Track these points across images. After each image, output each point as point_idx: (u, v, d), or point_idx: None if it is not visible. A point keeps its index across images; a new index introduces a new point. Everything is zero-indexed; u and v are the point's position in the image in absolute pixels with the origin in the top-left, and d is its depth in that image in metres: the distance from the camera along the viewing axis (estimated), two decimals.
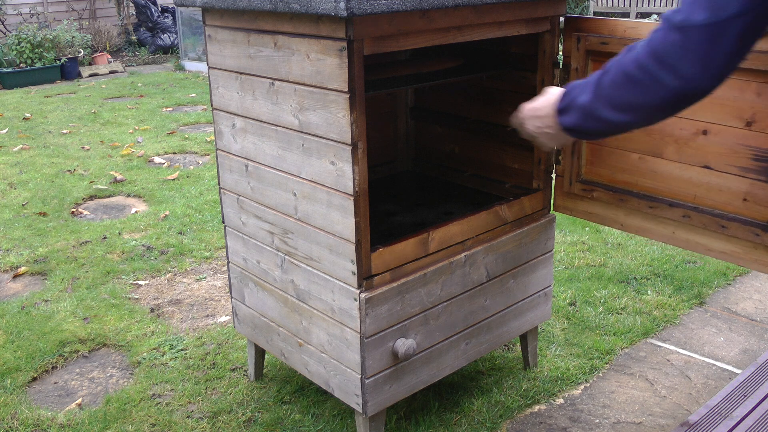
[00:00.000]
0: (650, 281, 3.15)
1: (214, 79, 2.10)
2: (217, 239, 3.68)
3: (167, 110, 6.77)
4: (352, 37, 1.61)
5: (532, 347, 2.47)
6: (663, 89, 1.26)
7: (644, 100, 1.29)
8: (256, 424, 2.24)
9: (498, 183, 2.44)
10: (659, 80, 1.25)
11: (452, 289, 2.02)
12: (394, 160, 2.74)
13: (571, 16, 2.08)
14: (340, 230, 1.80)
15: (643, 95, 1.29)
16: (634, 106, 1.32)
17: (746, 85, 1.75)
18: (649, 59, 1.25)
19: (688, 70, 1.22)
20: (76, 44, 8.77)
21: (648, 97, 1.29)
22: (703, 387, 2.43)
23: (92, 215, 4.13)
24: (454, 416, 2.26)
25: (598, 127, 1.41)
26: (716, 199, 1.87)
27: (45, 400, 2.42)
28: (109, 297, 3.09)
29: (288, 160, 1.91)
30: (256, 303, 2.21)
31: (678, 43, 1.21)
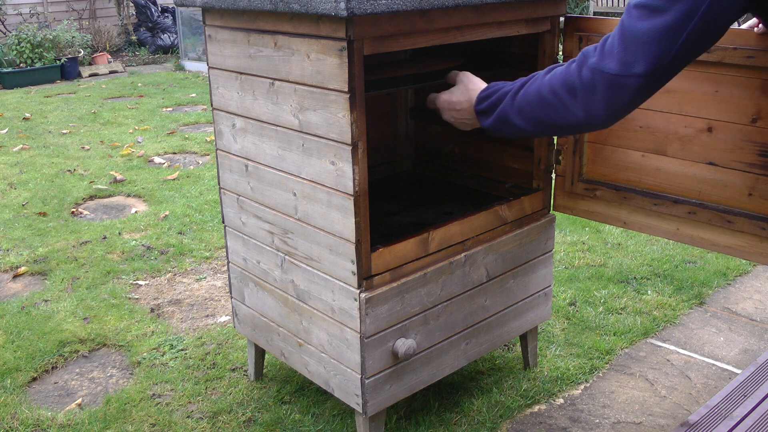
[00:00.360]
0: (650, 281, 3.15)
1: (214, 79, 2.10)
2: (217, 239, 3.68)
3: (167, 110, 6.77)
4: (353, 37, 1.61)
5: (532, 347, 2.47)
6: (570, 116, 1.45)
7: (552, 120, 1.50)
8: (256, 424, 2.24)
9: (498, 183, 2.44)
10: (568, 108, 1.45)
11: (452, 289, 2.02)
12: (394, 160, 2.74)
13: (571, 16, 2.08)
14: (340, 230, 1.80)
15: (552, 117, 1.49)
16: (542, 123, 1.52)
17: (751, 82, 1.75)
18: (563, 89, 1.44)
19: (593, 107, 1.41)
20: (76, 44, 8.77)
21: (555, 119, 1.49)
22: (703, 387, 2.43)
23: (92, 215, 4.14)
24: (454, 416, 2.27)
25: (510, 131, 1.62)
26: (721, 194, 1.88)
27: (45, 400, 2.42)
28: (109, 297, 3.09)
29: (288, 160, 1.91)
30: (256, 303, 2.21)
31: (588, 83, 1.40)
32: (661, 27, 1.31)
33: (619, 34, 1.37)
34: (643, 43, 1.33)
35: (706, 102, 1.85)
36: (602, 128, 1.46)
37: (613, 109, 1.40)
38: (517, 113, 1.56)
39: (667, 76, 1.37)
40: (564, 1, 2.08)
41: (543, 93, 1.49)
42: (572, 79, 1.43)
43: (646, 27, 1.32)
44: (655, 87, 1.38)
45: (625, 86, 1.36)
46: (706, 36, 1.31)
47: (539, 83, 1.51)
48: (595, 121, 1.44)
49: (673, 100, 1.91)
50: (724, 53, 1.76)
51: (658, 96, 1.93)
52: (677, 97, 1.90)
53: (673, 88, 1.90)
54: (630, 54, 1.35)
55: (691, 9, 1.28)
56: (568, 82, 1.44)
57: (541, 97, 1.49)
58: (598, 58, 1.39)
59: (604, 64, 1.38)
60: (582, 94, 1.42)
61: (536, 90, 1.51)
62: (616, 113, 1.41)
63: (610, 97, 1.38)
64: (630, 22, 1.35)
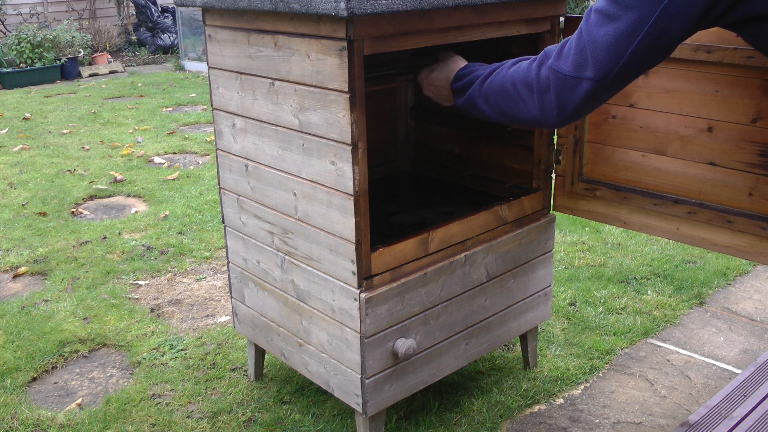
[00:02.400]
0: (650, 281, 3.15)
1: (214, 79, 2.10)
2: (217, 239, 3.68)
3: (167, 110, 6.77)
4: (353, 37, 1.61)
5: (532, 347, 2.47)
6: (526, 112, 1.53)
7: (511, 112, 1.57)
8: (256, 424, 2.24)
9: (498, 183, 2.44)
10: (525, 104, 1.52)
11: (452, 289, 2.02)
12: (394, 160, 2.74)
13: (571, 16, 2.08)
14: (340, 230, 1.80)
15: (512, 109, 1.56)
16: (504, 113, 1.60)
17: (751, 82, 1.75)
18: (522, 84, 1.51)
19: (546, 106, 1.48)
20: (76, 44, 8.77)
21: (515, 112, 1.56)
22: (703, 387, 2.43)
23: (92, 215, 4.14)
24: (454, 416, 2.26)
25: (477, 114, 1.70)
26: (722, 194, 1.88)
27: (45, 400, 2.42)
28: (109, 297, 3.09)
29: (288, 160, 1.91)
30: (256, 303, 2.21)
31: (544, 81, 1.46)
32: (612, 34, 1.35)
33: (576, 38, 1.42)
34: (596, 48, 1.37)
35: (706, 102, 1.85)
36: (555, 127, 1.53)
37: (564, 109, 1.46)
38: (483, 99, 1.64)
39: (618, 83, 1.41)
40: (564, 1, 2.08)
41: (505, 85, 1.56)
42: (531, 77, 1.49)
43: (600, 33, 1.37)
44: (606, 92, 1.42)
45: (576, 88, 1.41)
46: (656, 47, 1.35)
47: (503, 75, 1.58)
48: (548, 119, 1.49)
49: (673, 100, 1.91)
50: (724, 53, 1.76)
51: (658, 96, 1.93)
52: (677, 97, 1.90)
53: (673, 88, 1.90)
54: (583, 57, 1.39)
55: (641, 19, 1.32)
56: (527, 79, 1.50)
57: (503, 88, 1.57)
58: (554, 58, 1.45)
59: (560, 64, 1.43)
60: (537, 92, 1.48)
61: (500, 81, 1.58)
62: (568, 114, 1.47)
63: (561, 98, 1.44)
64: (587, 27, 1.40)
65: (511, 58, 2.32)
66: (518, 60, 1.61)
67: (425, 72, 1.90)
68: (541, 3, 2.00)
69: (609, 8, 1.36)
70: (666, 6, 1.29)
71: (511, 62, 1.61)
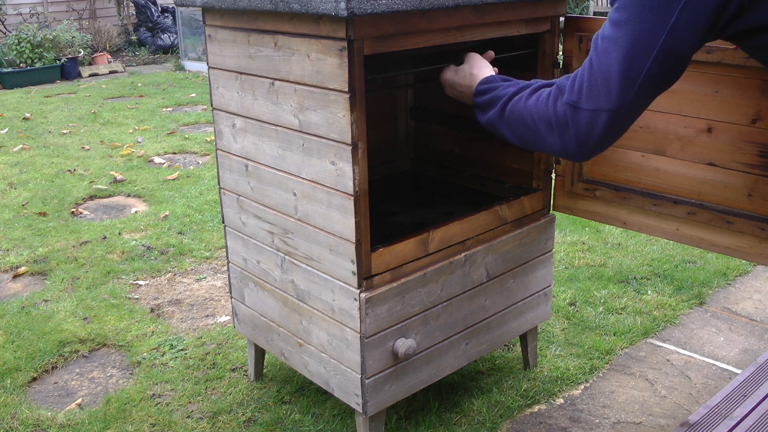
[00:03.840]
0: (650, 281, 3.15)
1: (214, 79, 2.10)
2: (217, 239, 3.68)
3: (167, 110, 6.77)
4: (353, 36, 1.61)
5: (532, 347, 2.47)
6: (548, 147, 1.50)
7: (533, 143, 1.55)
8: (256, 424, 2.24)
9: (498, 183, 2.44)
10: (547, 140, 1.50)
11: (452, 289, 2.02)
12: (394, 160, 2.74)
13: (571, 16, 2.08)
14: (340, 230, 1.80)
15: (534, 141, 1.54)
16: (527, 142, 1.58)
17: (751, 82, 1.75)
18: (541, 121, 1.48)
19: (567, 142, 1.45)
20: (76, 44, 8.77)
21: (537, 145, 1.54)
22: (703, 387, 2.43)
23: (92, 215, 4.14)
24: (454, 416, 2.27)
25: (499, 136, 1.66)
26: (721, 195, 1.88)
27: (45, 400, 2.42)
28: (109, 297, 3.09)
29: (288, 160, 1.91)
30: (256, 303, 2.21)
31: (562, 118, 1.43)
32: (623, 61, 1.32)
33: (587, 69, 1.39)
34: (609, 77, 1.34)
35: (706, 102, 1.85)
36: (580, 161, 1.50)
37: (586, 143, 1.42)
38: (505, 126, 1.61)
39: (635, 110, 1.38)
40: (564, 1, 2.08)
41: (525, 118, 1.53)
42: (549, 114, 1.46)
43: (611, 61, 1.34)
44: (626, 120, 1.39)
45: (595, 122, 1.38)
46: (668, 67, 1.32)
47: (523, 106, 1.54)
48: (570, 154, 1.47)
49: (673, 100, 1.91)
50: (724, 53, 1.76)
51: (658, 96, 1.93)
52: (677, 97, 1.90)
53: (673, 89, 1.90)
54: (596, 89, 1.36)
55: (650, 41, 1.29)
56: (545, 116, 1.47)
57: (523, 120, 1.54)
58: (568, 93, 1.42)
59: (574, 99, 1.40)
60: (557, 129, 1.45)
61: (520, 112, 1.55)
62: (591, 148, 1.44)
63: (581, 133, 1.41)
64: (596, 56, 1.37)
65: (511, 58, 2.33)
66: (537, 87, 1.55)
67: (449, 73, 1.86)
68: (541, 3, 2.00)
69: (616, 34, 1.33)
70: (673, 25, 1.27)
71: (529, 89, 1.56)
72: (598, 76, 1.36)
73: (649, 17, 1.29)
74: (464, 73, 1.81)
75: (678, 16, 1.27)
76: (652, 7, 1.28)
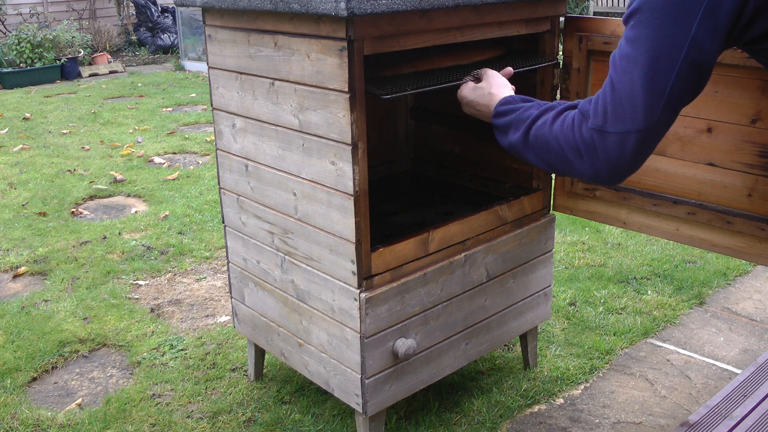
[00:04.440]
0: (650, 281, 3.15)
1: (214, 79, 2.10)
2: (217, 239, 3.68)
3: (167, 110, 6.77)
4: (353, 36, 1.61)
5: (532, 347, 2.47)
6: (578, 172, 1.46)
7: (561, 168, 1.50)
8: (256, 424, 2.24)
9: (498, 183, 2.44)
10: (576, 166, 1.45)
11: (452, 289, 2.02)
12: (394, 160, 2.74)
13: (571, 16, 2.09)
14: (340, 230, 1.80)
15: (561, 166, 1.49)
16: (553, 167, 1.52)
17: (751, 82, 1.75)
18: (569, 148, 1.44)
19: (597, 167, 1.41)
20: (76, 44, 8.77)
21: (564, 169, 1.49)
22: (703, 387, 2.43)
23: (92, 215, 4.14)
24: (454, 416, 2.27)
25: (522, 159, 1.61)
26: (721, 195, 1.88)
27: (45, 400, 2.42)
28: (109, 297, 3.09)
29: (288, 160, 1.91)
30: (256, 303, 2.21)
31: (590, 143, 1.39)
32: (646, 78, 1.29)
33: (609, 91, 1.35)
34: (633, 97, 1.31)
35: (705, 102, 1.85)
36: (612, 185, 1.45)
37: (617, 167, 1.38)
38: (530, 152, 1.55)
39: (663, 126, 1.34)
40: (564, 1, 2.08)
41: (552, 145, 1.48)
42: (576, 141, 1.42)
43: (633, 80, 1.30)
44: (655, 138, 1.36)
45: (625, 144, 1.35)
46: (692, 79, 1.29)
47: (548, 132, 1.49)
48: (602, 179, 1.43)
49: None
50: (724, 54, 1.76)
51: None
52: None
53: None
54: (622, 111, 1.33)
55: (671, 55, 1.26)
56: (572, 143, 1.43)
57: (550, 147, 1.48)
58: (593, 118, 1.38)
59: (600, 123, 1.36)
60: (586, 155, 1.41)
61: (545, 138, 1.49)
62: (622, 170, 1.39)
63: (611, 156, 1.37)
64: (617, 77, 1.33)
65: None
66: (561, 110, 1.49)
67: (467, 91, 1.79)
68: (541, 3, 2.00)
69: (635, 52, 1.30)
70: (694, 36, 1.25)
71: (553, 113, 1.50)
72: (621, 97, 1.32)
73: (668, 31, 1.26)
74: (483, 92, 1.75)
75: (698, 27, 1.24)
76: (669, 21, 1.25)
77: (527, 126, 1.54)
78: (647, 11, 1.28)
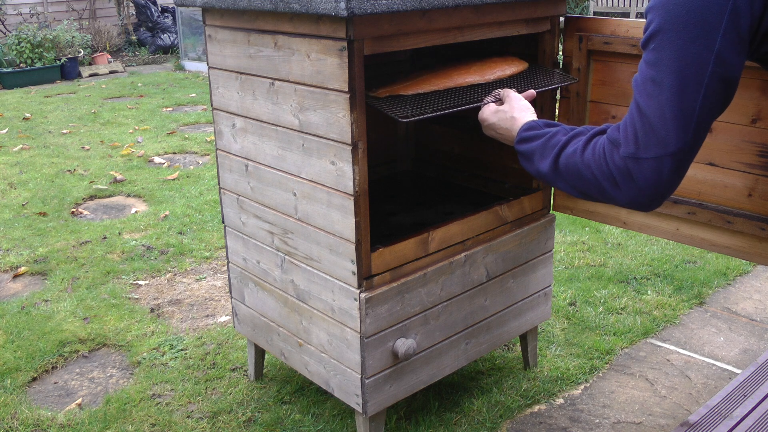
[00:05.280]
0: (650, 281, 3.15)
1: (214, 79, 2.10)
2: (217, 239, 3.68)
3: (167, 110, 6.77)
4: (353, 36, 1.61)
5: (532, 347, 2.47)
6: (614, 201, 1.43)
7: (597, 196, 1.46)
8: (256, 424, 2.24)
9: (498, 183, 2.44)
10: (612, 194, 1.42)
11: (452, 289, 2.02)
12: (394, 160, 2.74)
13: (572, 16, 2.09)
14: (340, 230, 1.80)
15: (596, 194, 1.45)
16: (587, 195, 1.48)
17: (751, 83, 1.75)
18: (603, 178, 1.40)
19: (634, 194, 1.37)
20: (76, 44, 8.77)
21: (600, 197, 1.45)
22: (703, 387, 2.43)
23: (92, 215, 4.14)
24: (454, 416, 2.27)
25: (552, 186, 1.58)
26: (721, 195, 1.88)
27: (45, 400, 2.42)
28: (109, 297, 3.09)
29: (288, 160, 1.91)
30: (256, 303, 2.21)
31: (625, 171, 1.36)
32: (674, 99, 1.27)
33: (637, 116, 1.33)
34: (664, 120, 1.29)
35: None
36: (650, 210, 1.43)
37: (655, 192, 1.36)
38: (562, 181, 1.52)
39: (697, 144, 1.32)
40: (564, 1, 2.08)
41: (585, 174, 1.44)
42: (610, 170, 1.39)
43: (661, 102, 1.28)
44: (690, 158, 1.34)
45: (661, 168, 1.32)
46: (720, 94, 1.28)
47: (581, 161, 1.45)
48: (640, 205, 1.41)
49: None
50: None
51: None
52: None
53: None
54: (655, 135, 1.31)
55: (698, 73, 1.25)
56: (606, 172, 1.40)
57: (583, 177, 1.45)
58: (625, 146, 1.35)
59: (632, 150, 1.34)
60: (622, 183, 1.38)
61: (577, 168, 1.46)
62: (660, 196, 1.37)
63: (648, 182, 1.35)
64: (644, 101, 1.31)
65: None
66: (591, 136, 1.46)
67: (488, 113, 1.75)
68: (541, 3, 2.00)
69: (660, 75, 1.28)
70: (718, 51, 1.23)
71: (584, 140, 1.46)
72: (651, 122, 1.30)
73: (691, 50, 1.24)
74: (504, 116, 1.71)
75: (721, 42, 1.23)
76: (692, 39, 1.24)
77: (556, 154, 1.50)
78: (668, 32, 1.26)
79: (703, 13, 1.23)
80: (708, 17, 1.23)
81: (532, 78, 2.02)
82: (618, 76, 2.02)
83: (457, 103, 1.82)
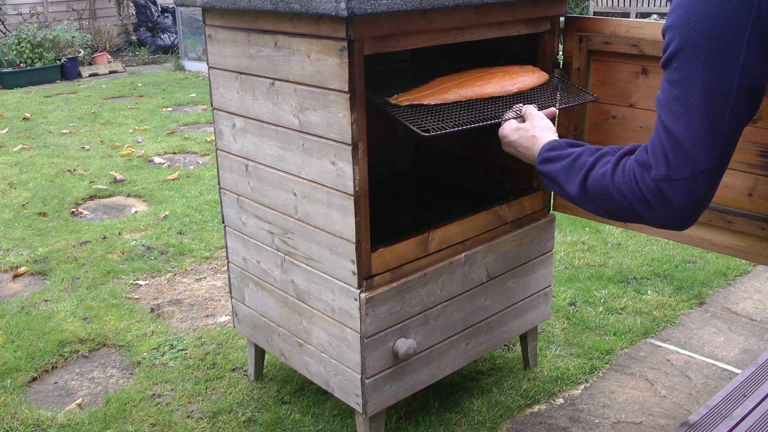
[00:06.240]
0: (650, 281, 3.15)
1: (214, 79, 2.10)
2: (217, 239, 3.68)
3: (167, 110, 6.77)
4: (353, 36, 1.61)
5: (532, 347, 2.47)
6: (647, 221, 1.42)
7: (629, 218, 1.44)
8: (256, 424, 2.24)
9: (498, 183, 2.44)
10: (644, 216, 1.40)
11: (452, 289, 2.02)
12: (394, 160, 2.74)
13: (572, 16, 2.09)
14: (341, 230, 1.80)
15: (627, 216, 1.44)
16: (618, 216, 1.47)
17: None
18: (637, 202, 1.38)
19: (669, 215, 1.36)
20: (76, 44, 8.77)
21: (632, 218, 1.44)
22: (703, 387, 2.43)
23: (92, 215, 4.14)
24: (454, 416, 2.27)
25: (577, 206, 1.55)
26: (721, 195, 1.88)
27: (45, 400, 2.42)
28: (109, 297, 3.09)
29: (288, 160, 1.91)
30: (256, 303, 2.21)
31: (658, 194, 1.34)
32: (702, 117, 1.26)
33: (665, 137, 1.32)
34: (694, 139, 1.28)
35: None
36: (683, 229, 1.43)
37: (690, 212, 1.36)
38: (591, 203, 1.50)
39: (727, 159, 1.32)
40: (564, 1, 2.08)
41: (615, 197, 1.42)
42: (642, 192, 1.38)
43: (690, 121, 1.27)
44: (721, 173, 1.34)
45: (695, 187, 1.32)
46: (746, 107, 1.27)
47: (611, 183, 1.43)
48: (673, 225, 1.40)
49: None
50: None
51: None
52: None
53: None
54: (685, 155, 1.30)
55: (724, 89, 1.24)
56: (638, 195, 1.38)
57: (614, 200, 1.43)
58: (656, 168, 1.34)
59: (663, 172, 1.33)
60: (656, 205, 1.37)
61: (607, 191, 1.44)
62: (695, 214, 1.37)
63: (682, 202, 1.34)
64: (671, 121, 1.30)
65: (511, 58, 2.33)
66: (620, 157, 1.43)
67: (509, 130, 1.73)
68: (541, 3, 2.00)
69: (685, 94, 1.27)
70: (743, 64, 1.22)
71: (613, 162, 1.43)
72: (680, 142, 1.29)
73: (716, 66, 1.23)
74: (526, 134, 1.69)
75: (745, 54, 1.22)
76: (715, 55, 1.23)
77: (584, 176, 1.49)
78: (691, 50, 1.25)
79: (726, 28, 1.21)
80: (730, 31, 1.21)
81: (552, 92, 2.01)
82: (618, 76, 2.02)
83: (479, 118, 1.81)
